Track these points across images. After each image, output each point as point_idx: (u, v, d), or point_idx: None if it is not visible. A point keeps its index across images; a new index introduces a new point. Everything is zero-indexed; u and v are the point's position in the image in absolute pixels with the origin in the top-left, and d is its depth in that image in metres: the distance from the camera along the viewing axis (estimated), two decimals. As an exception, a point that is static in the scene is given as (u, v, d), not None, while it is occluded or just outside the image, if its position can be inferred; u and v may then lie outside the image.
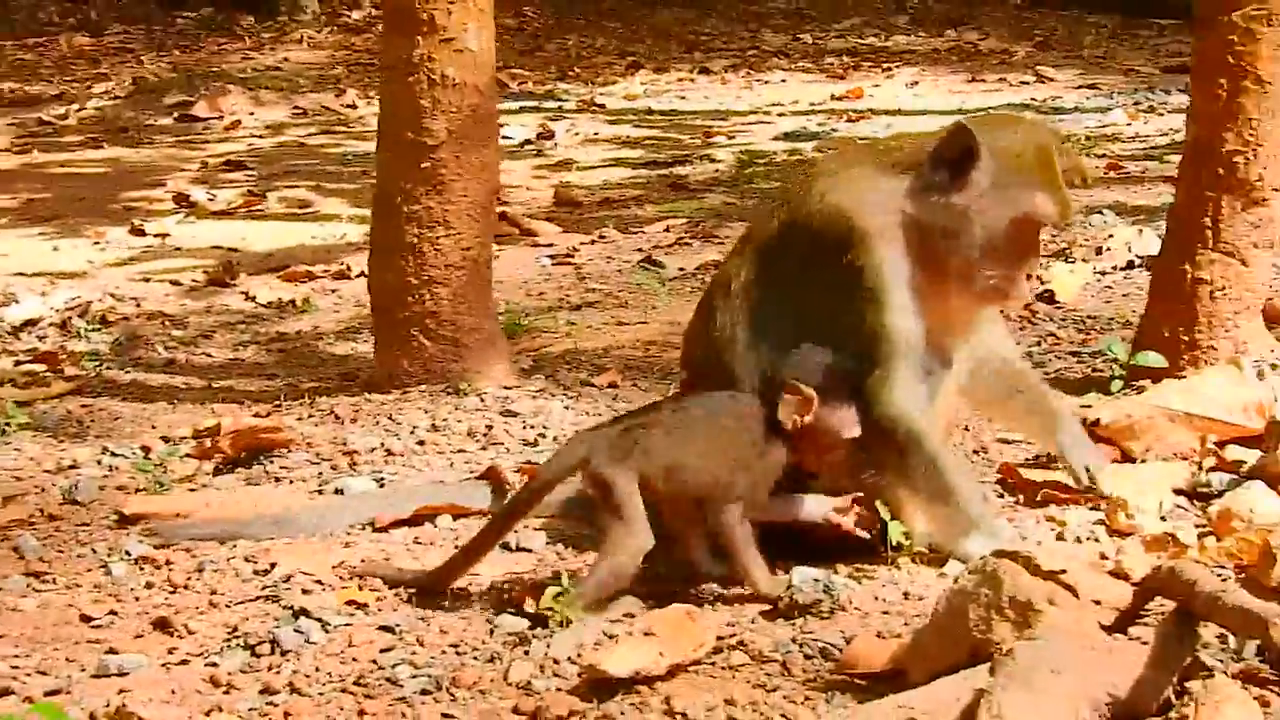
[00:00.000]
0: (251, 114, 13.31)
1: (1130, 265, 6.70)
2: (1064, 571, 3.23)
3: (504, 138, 11.52)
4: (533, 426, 5.08)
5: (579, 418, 5.17)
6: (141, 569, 4.02)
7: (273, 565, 3.94)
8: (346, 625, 3.62)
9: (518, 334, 6.30)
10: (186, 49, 17.17)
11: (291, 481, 4.70)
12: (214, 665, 3.45)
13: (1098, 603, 3.25)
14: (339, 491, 4.55)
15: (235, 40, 17.42)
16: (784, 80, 14.70)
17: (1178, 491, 4.25)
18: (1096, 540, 4.00)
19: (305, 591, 3.79)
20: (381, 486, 4.60)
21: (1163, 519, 4.09)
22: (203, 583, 3.89)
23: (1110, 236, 7.11)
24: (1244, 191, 4.93)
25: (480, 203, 5.38)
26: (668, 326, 6.24)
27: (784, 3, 20.13)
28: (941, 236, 3.83)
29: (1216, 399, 4.55)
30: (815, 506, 3.83)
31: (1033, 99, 12.62)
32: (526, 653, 3.43)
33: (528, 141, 11.72)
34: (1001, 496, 4.33)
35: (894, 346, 3.82)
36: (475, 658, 3.45)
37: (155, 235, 8.68)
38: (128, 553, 4.11)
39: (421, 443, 4.96)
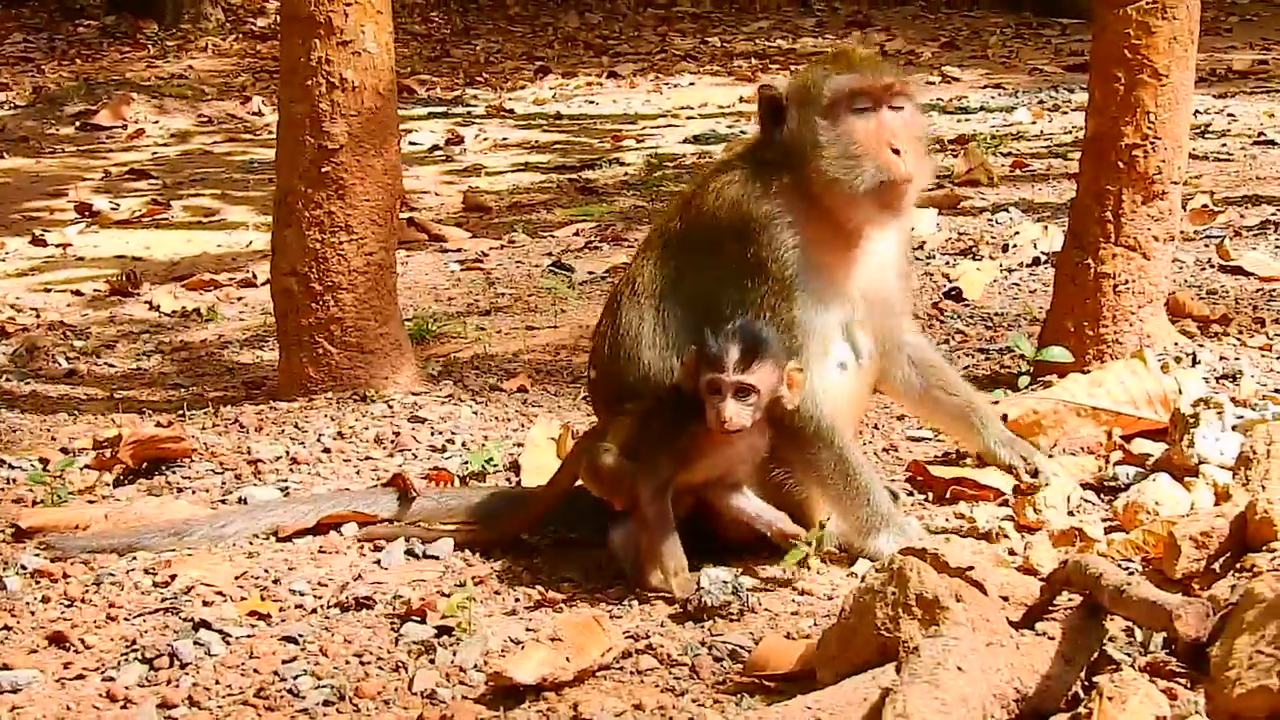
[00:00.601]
0: (155, 122, 13.13)
1: (1036, 262, 6.75)
2: (971, 568, 3.22)
3: (412, 143, 11.48)
4: (440, 432, 5.02)
5: (488, 423, 5.12)
6: (37, 582, 3.92)
7: (173, 577, 3.85)
8: (248, 636, 3.54)
9: (426, 339, 6.23)
10: (89, 58, 16.90)
11: (194, 492, 4.60)
12: (111, 680, 3.37)
13: (1006, 599, 3.25)
14: (242, 501, 4.47)
15: (139, 48, 17.17)
16: (692, 83, 14.73)
17: (1085, 485, 4.27)
18: (1005, 536, 4.00)
19: (206, 603, 3.72)
20: (286, 495, 4.52)
21: (1070, 513, 4.11)
22: (100, 596, 3.79)
23: (1016, 234, 7.17)
24: (1144, 185, 4.96)
25: (383, 207, 5.30)
26: (578, 330, 6.20)
27: (691, 6, 20.18)
28: (811, 178, 3.85)
29: (1121, 393, 4.58)
30: (767, 514, 3.80)
31: (939, 99, 12.71)
32: (432, 661, 3.38)
33: (436, 147, 11.64)
34: (911, 494, 4.33)
35: (800, 340, 3.81)
36: (380, 667, 3.39)
37: (57, 245, 8.52)
38: (23, 566, 4.01)
39: (327, 450, 4.89)
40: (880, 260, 4.02)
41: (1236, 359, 5.10)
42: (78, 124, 13.02)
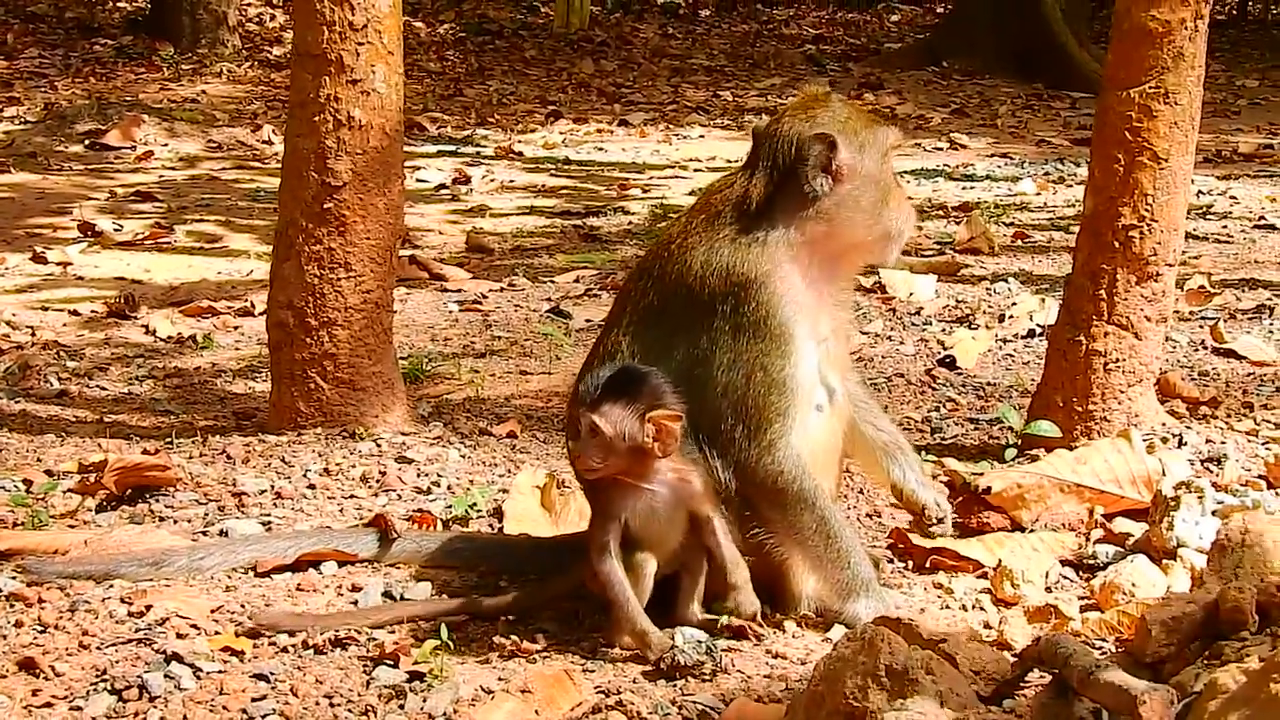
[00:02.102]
0: (165, 145, 13.18)
1: (1031, 334, 6.77)
2: (944, 640, 3.23)
3: (419, 180, 11.53)
4: (427, 474, 5.03)
5: (475, 467, 5.13)
6: (11, 606, 3.91)
7: (148, 607, 3.85)
8: (220, 672, 3.54)
9: (420, 379, 6.25)
10: (103, 76, 16.98)
11: (176, 521, 4.60)
12: (78, 709, 3.36)
13: (977, 673, 3.25)
14: (223, 533, 4.47)
15: (153, 70, 17.24)
16: (702, 136, 14.80)
17: (1064, 562, 4.28)
18: (981, 609, 4.01)
19: (180, 636, 3.71)
20: (268, 530, 4.52)
21: (1048, 589, 4.12)
22: (74, 623, 3.79)
23: (1013, 305, 7.21)
24: (1139, 265, 4.99)
25: (383, 245, 5.33)
26: (571, 378, 6.20)
27: (705, 59, 20.30)
28: (844, 227, 3.94)
29: (1106, 471, 4.59)
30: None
31: (945, 165, 12.78)
32: (402, 706, 3.38)
33: (443, 185, 11.69)
34: (891, 561, 4.34)
35: (790, 400, 3.81)
36: (349, 710, 3.39)
37: (57, 263, 8.56)
38: (-1, 589, 4.01)
39: (312, 486, 4.90)
40: (845, 296, 4.16)
41: (1223, 443, 5.12)
42: (87, 143, 13.07)
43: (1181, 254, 5.23)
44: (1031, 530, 4.44)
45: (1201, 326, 6.79)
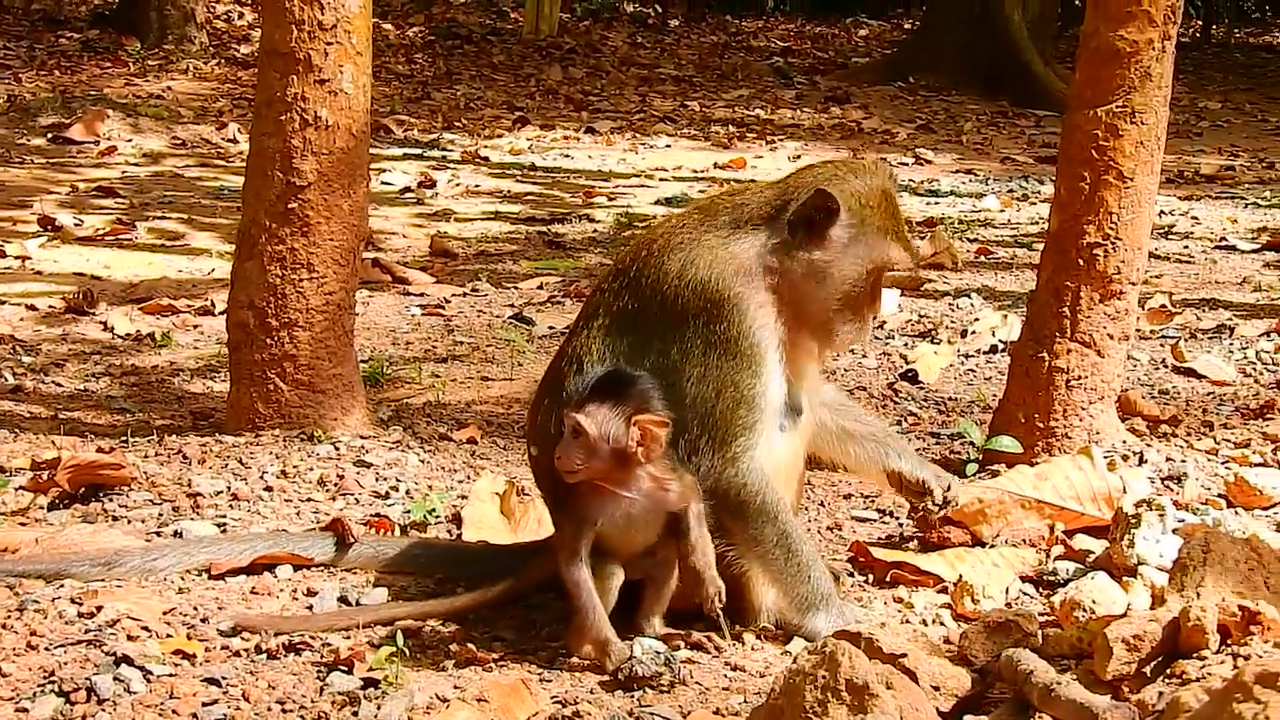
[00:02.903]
0: (129, 141, 13.09)
1: (993, 350, 6.78)
2: (904, 655, 3.22)
3: (384, 183, 11.49)
4: (385, 479, 4.98)
5: (434, 472, 5.09)
6: (-41, 605, 3.85)
7: (99, 608, 3.78)
8: (170, 675, 3.48)
9: (380, 383, 6.20)
10: (67, 70, 16.86)
11: (129, 521, 4.54)
12: (24, 711, 3.30)
13: (937, 688, 3.25)
14: (178, 534, 4.42)
15: (119, 65, 17.12)
16: (669, 145, 14.80)
17: (1024, 578, 4.27)
18: (941, 624, 4.00)
19: (130, 638, 3.65)
20: (224, 532, 4.47)
21: (1008, 605, 4.11)
22: (22, 623, 3.72)
23: (976, 320, 7.22)
24: (1102, 283, 5.00)
25: (346, 247, 5.29)
26: (533, 384, 6.16)
27: (674, 69, 20.32)
28: (802, 290, 3.87)
29: (1066, 488, 4.59)
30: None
31: (910, 180, 12.81)
32: (355, 713, 3.34)
33: (408, 189, 11.65)
34: (852, 575, 4.32)
35: (757, 415, 3.79)
36: (302, 716, 3.34)
37: (15, 257, 8.47)
38: (-54, 587, 3.94)
39: (269, 489, 4.84)
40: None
41: (1183, 461, 5.13)
42: (50, 136, 12.98)
43: (1144, 273, 5.24)
44: (992, 546, 4.43)
45: (1162, 345, 6.81)
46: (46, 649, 3.60)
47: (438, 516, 4.65)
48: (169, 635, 3.68)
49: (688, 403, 3.77)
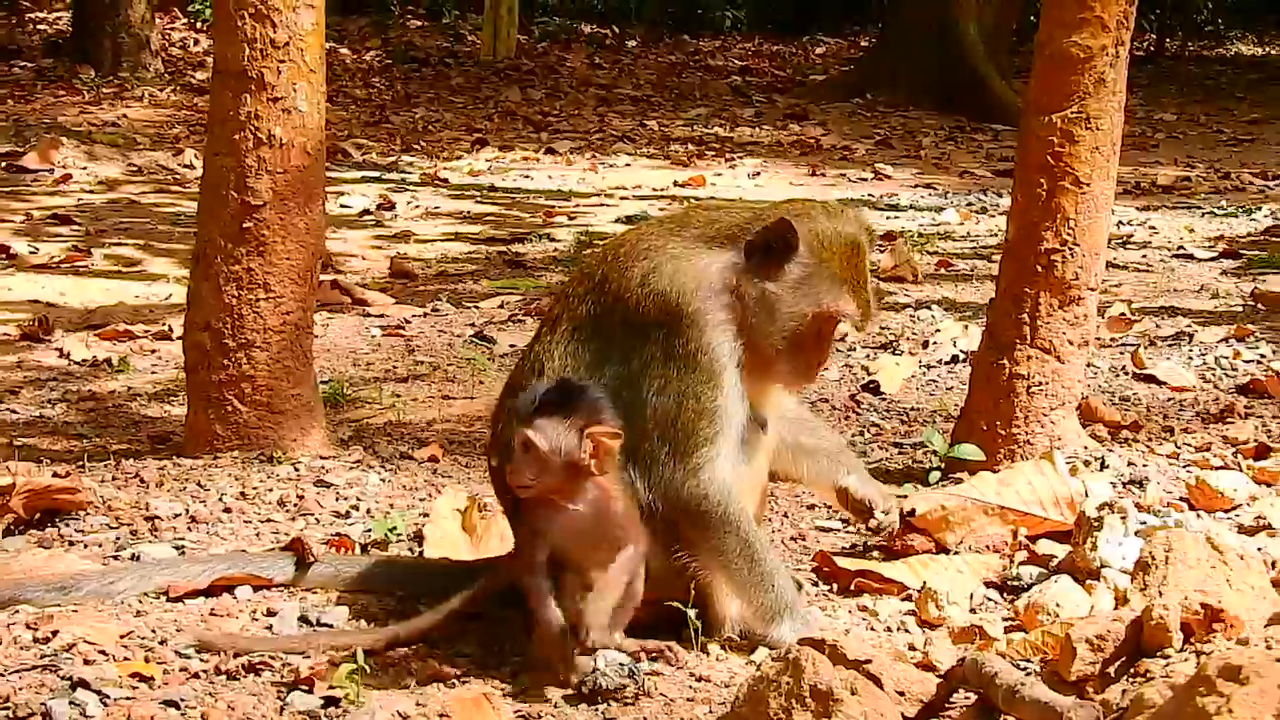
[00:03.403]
0: (84, 168, 13.01)
1: (955, 360, 6.79)
2: (869, 661, 3.21)
3: (343, 206, 11.44)
4: (346, 498, 4.94)
5: (395, 491, 5.05)
6: (-88, 632, 3.79)
7: (54, 633, 3.73)
8: (127, 699, 3.43)
9: (340, 403, 6.16)
10: (21, 99, 16.74)
11: (86, 546, 4.49)
12: (-21, 737, 3.26)
13: (902, 693, 3.23)
14: (135, 558, 4.36)
15: (73, 93, 17.03)
16: (628, 164, 14.81)
17: (988, 584, 4.27)
18: (906, 630, 3.99)
19: (87, 662, 3.60)
20: (182, 554, 4.42)
21: (972, 610, 4.10)
22: (-23, 649, 3.68)
23: (937, 331, 7.23)
24: (1061, 290, 5.01)
25: (303, 267, 5.25)
26: (494, 403, 6.14)
27: (632, 89, 20.35)
28: (754, 317, 3.84)
29: (1029, 493, 4.59)
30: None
31: (870, 194, 12.87)
32: (316, 732, 3.30)
33: (367, 211, 11.61)
34: (816, 584, 4.30)
35: (718, 427, 3.78)
36: (262, 736, 3.30)
37: (-31, 286, 8.39)
38: (-101, 615, 3.88)
39: (228, 510, 4.80)
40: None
41: (1144, 466, 5.14)
42: (4, 165, 12.88)
43: (1103, 280, 5.26)
44: (956, 552, 4.43)
45: (1122, 353, 6.84)
46: (1, 675, 3.54)
47: (399, 535, 4.61)
48: (126, 658, 3.63)
49: (649, 414, 3.75)
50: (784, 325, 3.83)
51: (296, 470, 5.14)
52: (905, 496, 4.70)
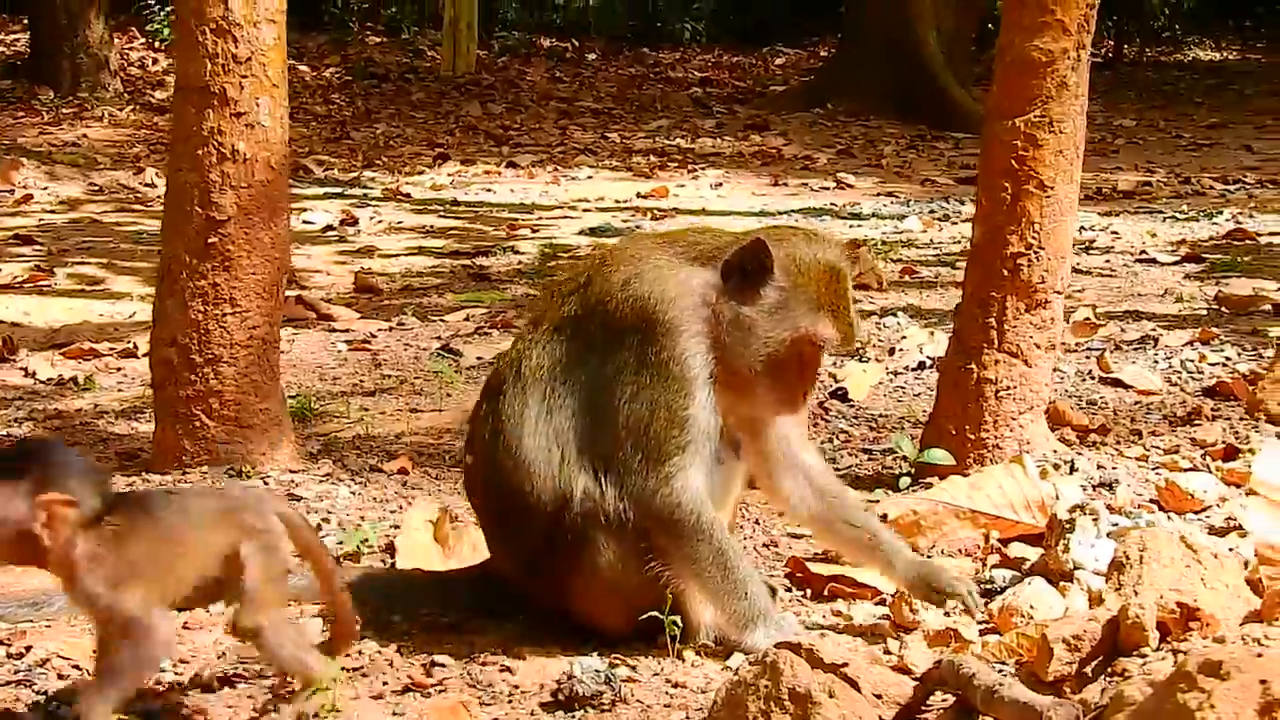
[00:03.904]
0: (45, 189, 12.94)
1: (921, 366, 6.81)
2: (846, 664, 3.21)
3: (306, 222, 11.40)
4: (316, 511, 4.92)
5: (365, 503, 5.04)
6: (-117, 652, 3.76)
7: (28, 649, 3.72)
8: (101, 715, 3.41)
9: (308, 418, 6.13)
10: (-20, 121, 16.65)
11: (55, 564, 4.45)
12: (-47, 756, 3.23)
13: (879, 696, 3.24)
14: (106, 575, 4.33)
15: (33, 114, 16.93)
16: (590, 177, 14.82)
17: (961, 587, 4.27)
18: (881, 635, 3.99)
19: (61, 677, 3.59)
20: (152, 570, 4.38)
21: (947, 614, 4.11)
22: (-51, 668, 3.65)
23: (903, 338, 7.25)
24: (1027, 293, 5.04)
25: (269, 281, 5.23)
26: (462, 414, 6.12)
27: (593, 102, 20.37)
28: (730, 339, 3.84)
29: (1000, 497, 4.61)
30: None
31: (832, 204, 12.90)
32: (291, 746, 3.28)
33: (330, 227, 11.58)
34: (790, 590, 4.31)
35: (691, 436, 3.78)
36: (237, 750, 3.28)
37: (-70, 307, 8.32)
38: None
39: (198, 526, 4.76)
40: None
41: (1114, 468, 5.17)
42: (-37, 186, 12.79)
43: (1068, 284, 5.28)
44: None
45: (1088, 357, 6.87)
46: (-27, 693, 3.52)
47: (371, 547, 4.60)
48: (99, 674, 3.60)
49: (621, 421, 3.76)
50: (760, 350, 3.82)
51: (266, 484, 5.12)
52: (877, 502, 4.72)
